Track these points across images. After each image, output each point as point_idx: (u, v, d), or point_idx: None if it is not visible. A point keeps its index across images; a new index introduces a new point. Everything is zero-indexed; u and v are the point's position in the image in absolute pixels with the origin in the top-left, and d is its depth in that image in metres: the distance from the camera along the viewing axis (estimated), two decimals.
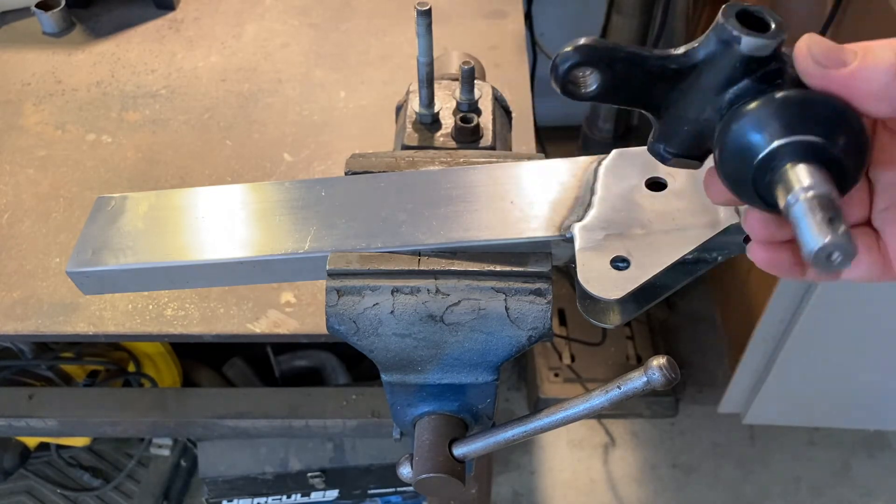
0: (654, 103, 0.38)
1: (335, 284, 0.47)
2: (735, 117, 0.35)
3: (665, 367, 0.41)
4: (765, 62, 0.35)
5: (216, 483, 1.44)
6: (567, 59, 0.36)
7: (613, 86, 0.37)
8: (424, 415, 0.51)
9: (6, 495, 1.60)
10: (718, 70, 0.36)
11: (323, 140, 1.02)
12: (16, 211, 0.93)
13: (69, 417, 1.13)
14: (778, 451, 1.85)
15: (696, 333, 2.04)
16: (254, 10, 1.24)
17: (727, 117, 0.35)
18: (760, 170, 0.34)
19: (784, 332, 1.48)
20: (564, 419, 0.46)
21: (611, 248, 0.44)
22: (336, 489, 1.49)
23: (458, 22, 1.21)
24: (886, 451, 1.85)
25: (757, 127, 0.34)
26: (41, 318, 0.82)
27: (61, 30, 1.20)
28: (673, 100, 0.37)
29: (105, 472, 1.65)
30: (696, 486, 1.80)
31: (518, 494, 1.79)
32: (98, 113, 1.06)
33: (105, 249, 0.50)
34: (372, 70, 1.13)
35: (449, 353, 0.47)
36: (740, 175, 0.35)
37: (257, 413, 1.11)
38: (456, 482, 0.48)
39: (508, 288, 0.46)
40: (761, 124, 0.34)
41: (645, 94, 0.37)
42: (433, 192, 0.50)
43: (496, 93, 0.65)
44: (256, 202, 0.52)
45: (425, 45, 0.57)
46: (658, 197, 0.47)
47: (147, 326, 0.82)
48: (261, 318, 0.83)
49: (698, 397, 1.93)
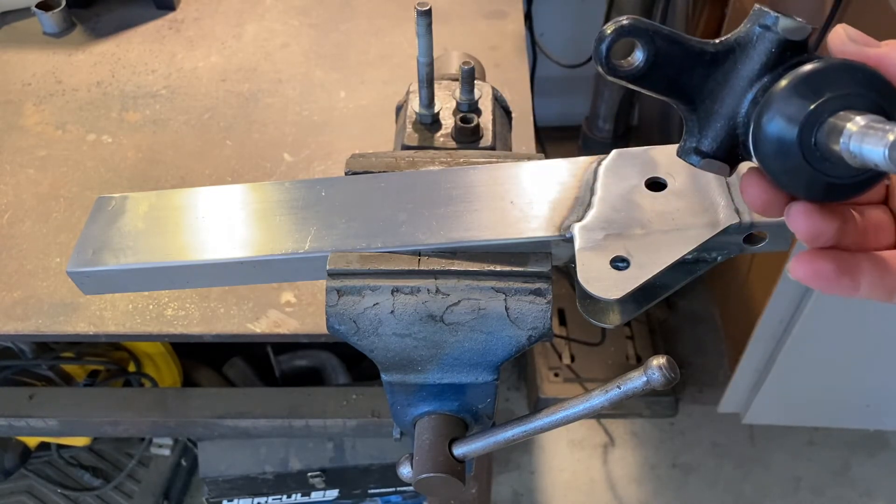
0: (691, 93, 0.38)
1: (335, 284, 0.47)
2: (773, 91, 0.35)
3: (665, 367, 0.41)
4: (798, 50, 0.35)
5: (216, 483, 1.44)
6: (612, 30, 0.36)
7: (655, 63, 0.37)
8: (424, 415, 0.51)
9: (7, 495, 1.60)
10: (754, 55, 0.36)
11: (323, 140, 1.02)
12: (16, 211, 0.93)
13: (69, 417, 1.14)
14: (778, 451, 1.85)
15: (696, 333, 2.04)
16: (254, 11, 1.24)
17: (765, 97, 0.35)
18: (806, 128, 0.33)
19: (784, 332, 1.49)
20: (564, 419, 0.46)
21: (611, 248, 0.44)
22: (336, 489, 1.49)
23: (458, 22, 1.21)
24: (886, 451, 1.85)
25: (796, 93, 0.34)
26: (41, 318, 0.82)
27: (62, 30, 1.20)
28: (709, 90, 0.37)
29: (105, 471, 1.65)
30: (695, 485, 1.80)
31: (518, 494, 1.79)
32: (98, 113, 1.06)
33: (105, 249, 0.50)
34: (372, 70, 1.13)
35: (449, 352, 0.47)
36: (783, 149, 0.34)
37: (257, 413, 1.11)
38: (456, 482, 0.48)
39: (508, 288, 0.46)
40: (800, 91, 0.34)
41: (684, 78, 0.37)
42: (433, 192, 0.50)
43: (496, 93, 0.65)
44: (256, 202, 0.52)
45: (425, 46, 0.57)
46: (658, 197, 0.47)
47: (147, 326, 0.82)
48: (261, 317, 0.83)
49: (698, 397, 1.93)
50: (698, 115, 0.38)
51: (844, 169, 0.34)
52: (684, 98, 0.38)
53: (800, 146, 0.34)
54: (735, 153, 0.38)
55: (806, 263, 0.37)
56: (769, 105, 0.35)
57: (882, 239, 0.39)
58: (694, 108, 0.38)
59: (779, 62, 0.35)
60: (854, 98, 0.33)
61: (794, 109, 0.34)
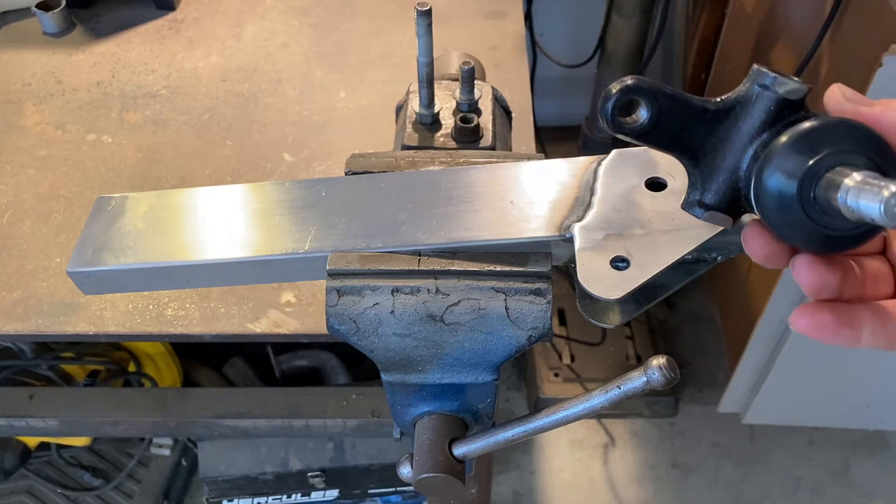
0: (694, 149, 0.39)
1: (335, 284, 0.47)
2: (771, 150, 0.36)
3: (665, 367, 0.41)
4: (795, 108, 0.37)
5: (216, 483, 1.44)
6: (618, 90, 0.37)
7: (659, 121, 0.38)
8: (424, 415, 0.51)
9: (7, 495, 1.60)
10: (754, 113, 0.37)
11: (323, 140, 1.02)
12: (16, 211, 0.93)
13: (69, 417, 1.14)
14: (778, 450, 1.85)
15: (696, 333, 2.05)
16: (254, 11, 1.24)
17: (765, 153, 0.37)
18: (805, 183, 0.35)
19: (784, 332, 1.49)
20: (564, 419, 0.46)
21: (611, 248, 0.44)
22: (336, 489, 1.49)
23: (458, 22, 1.21)
24: (886, 451, 1.85)
25: (795, 150, 0.35)
26: (41, 318, 0.82)
27: (62, 30, 1.20)
28: (710, 146, 0.39)
29: (105, 471, 1.64)
30: (695, 485, 1.80)
31: (518, 494, 1.79)
32: (98, 113, 1.06)
33: (105, 249, 0.50)
34: (372, 70, 1.13)
35: (449, 352, 0.47)
36: (783, 202, 0.36)
37: (257, 413, 1.11)
38: (456, 482, 0.48)
39: (508, 288, 0.46)
40: (798, 147, 0.35)
41: (686, 135, 0.39)
42: (433, 192, 0.50)
43: (496, 93, 0.65)
44: (256, 202, 0.52)
45: (425, 46, 0.57)
46: (658, 197, 0.47)
47: (147, 326, 0.82)
48: (261, 317, 0.83)
49: (698, 397, 1.93)
50: (701, 169, 0.40)
51: (843, 222, 0.35)
52: (687, 153, 0.39)
53: (799, 200, 0.35)
54: (737, 205, 0.39)
55: (808, 316, 0.38)
56: (769, 161, 0.36)
57: (881, 289, 0.41)
58: (697, 163, 0.40)
59: (777, 119, 0.37)
60: (850, 155, 0.35)
61: (793, 165, 0.35)
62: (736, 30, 1.75)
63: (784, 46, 1.50)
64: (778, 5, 1.54)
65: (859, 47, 1.20)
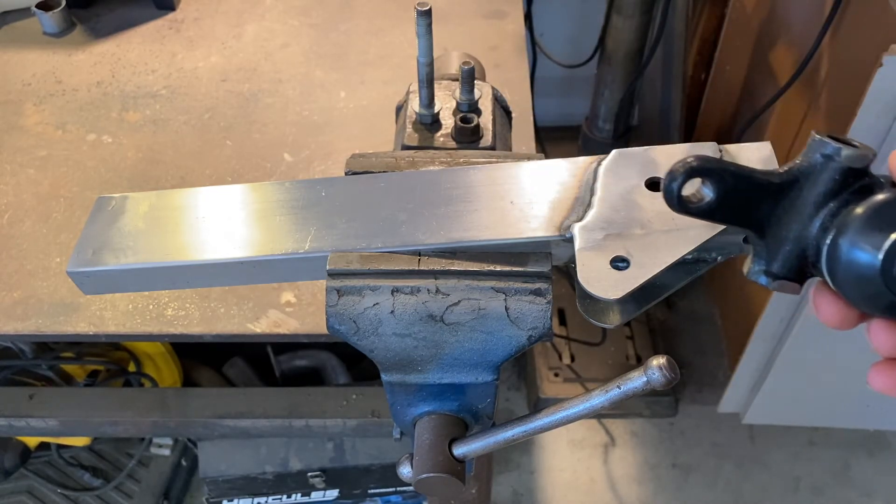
0: (759, 221, 0.39)
1: (335, 284, 0.47)
2: (846, 223, 0.36)
3: (665, 367, 0.41)
4: (860, 176, 0.37)
5: (216, 482, 1.44)
6: (682, 171, 0.37)
7: (724, 198, 0.38)
8: (424, 415, 0.51)
9: (7, 495, 1.60)
10: (819, 184, 0.37)
11: (323, 140, 1.02)
12: (16, 211, 0.93)
13: (69, 417, 1.14)
14: (778, 451, 1.85)
15: (696, 333, 2.04)
16: (254, 11, 1.24)
17: (836, 228, 0.37)
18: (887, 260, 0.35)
19: (784, 332, 1.48)
20: (564, 419, 0.46)
21: (610, 247, 0.44)
22: (336, 489, 1.49)
23: (458, 22, 1.21)
24: (886, 451, 1.85)
25: (873, 225, 0.35)
26: (42, 318, 0.82)
27: (62, 30, 1.20)
28: (776, 218, 0.39)
29: (105, 471, 1.65)
30: (695, 485, 1.80)
31: (518, 494, 1.79)
32: (98, 113, 1.06)
33: (105, 249, 0.50)
34: (372, 70, 1.13)
35: (449, 352, 0.47)
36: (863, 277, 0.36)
37: (257, 413, 1.11)
38: (456, 482, 0.48)
39: (508, 288, 0.46)
40: (876, 222, 0.35)
41: (751, 209, 0.39)
42: (433, 192, 0.50)
43: (496, 93, 0.65)
44: (256, 202, 0.52)
45: (425, 46, 0.57)
46: (658, 197, 0.47)
47: (147, 326, 0.82)
48: (261, 317, 0.83)
49: (698, 397, 1.93)
50: (766, 240, 0.40)
51: None
52: (753, 226, 0.40)
53: (882, 276, 0.35)
54: (804, 272, 0.40)
55: (886, 376, 0.41)
56: (844, 235, 0.36)
57: None
58: (763, 235, 0.40)
59: (843, 188, 0.37)
60: None
61: (874, 241, 0.35)
62: (736, 30, 1.75)
63: (784, 46, 1.50)
64: (778, 5, 1.54)
65: (859, 47, 1.20)
